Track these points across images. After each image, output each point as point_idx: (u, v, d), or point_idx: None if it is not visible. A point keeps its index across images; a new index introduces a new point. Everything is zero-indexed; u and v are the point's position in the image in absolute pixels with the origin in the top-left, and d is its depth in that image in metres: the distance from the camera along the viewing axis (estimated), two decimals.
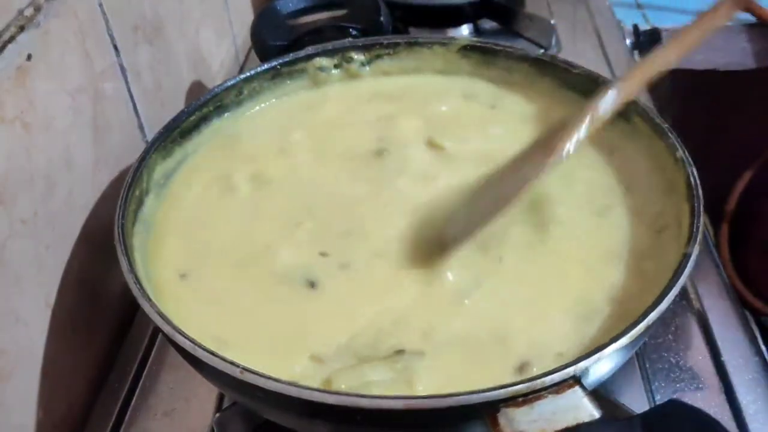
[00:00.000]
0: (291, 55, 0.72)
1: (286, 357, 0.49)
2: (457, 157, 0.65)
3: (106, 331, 0.67)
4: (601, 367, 0.44)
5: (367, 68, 0.74)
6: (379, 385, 0.47)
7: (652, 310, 0.45)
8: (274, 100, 0.72)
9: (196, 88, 0.87)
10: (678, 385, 0.60)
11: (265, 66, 0.71)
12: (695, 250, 0.49)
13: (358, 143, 0.66)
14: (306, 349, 0.50)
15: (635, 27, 1.10)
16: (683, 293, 0.67)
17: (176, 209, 0.61)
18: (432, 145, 0.66)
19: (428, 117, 0.69)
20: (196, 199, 0.62)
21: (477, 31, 1.06)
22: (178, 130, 0.65)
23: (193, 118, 0.66)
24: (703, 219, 0.51)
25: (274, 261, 0.56)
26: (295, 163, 0.65)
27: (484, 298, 0.52)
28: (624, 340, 0.44)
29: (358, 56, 0.74)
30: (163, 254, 0.57)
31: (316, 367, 0.48)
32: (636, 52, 1.09)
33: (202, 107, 0.67)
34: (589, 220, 0.58)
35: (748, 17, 1.18)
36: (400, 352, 0.49)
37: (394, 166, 0.64)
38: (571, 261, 0.55)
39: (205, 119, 0.68)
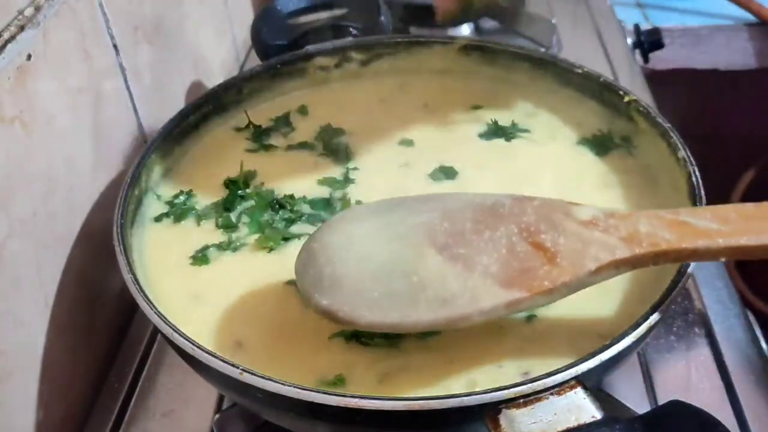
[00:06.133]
0: (291, 54, 0.72)
1: None
2: None
3: (105, 331, 0.67)
4: (603, 368, 0.43)
5: (368, 67, 0.74)
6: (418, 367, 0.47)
7: (654, 311, 0.45)
8: (274, 99, 0.72)
9: (196, 88, 0.87)
10: (680, 386, 0.59)
11: (265, 65, 0.71)
12: None
13: None
14: None
15: (636, 26, 1.10)
16: (685, 293, 0.67)
17: None
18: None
19: None
20: None
21: (477, 31, 1.06)
22: (177, 130, 0.65)
23: (192, 117, 0.66)
24: None
25: None
26: None
27: None
28: (626, 341, 0.44)
29: (358, 56, 0.74)
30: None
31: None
32: (637, 51, 1.09)
33: (202, 107, 0.67)
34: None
35: (750, 17, 1.18)
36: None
37: None
38: None
39: (204, 119, 0.68)
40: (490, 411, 0.40)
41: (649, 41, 1.08)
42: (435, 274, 0.43)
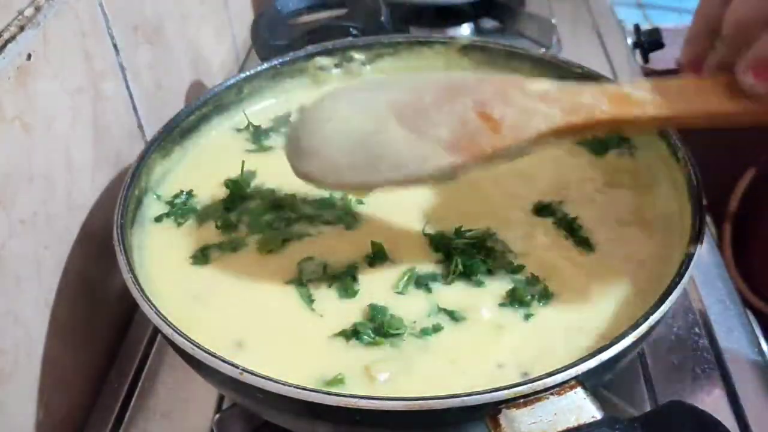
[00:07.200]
0: (291, 54, 0.72)
1: None
2: None
3: (105, 331, 0.67)
4: (603, 368, 0.43)
5: (368, 67, 0.74)
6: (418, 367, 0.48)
7: (655, 311, 0.45)
8: (274, 99, 0.72)
9: (196, 88, 0.87)
10: (680, 386, 0.59)
11: (265, 65, 0.71)
12: (698, 250, 0.49)
13: None
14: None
15: (636, 26, 1.10)
16: (685, 293, 0.67)
17: None
18: None
19: None
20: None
21: (478, 31, 1.06)
22: (177, 130, 0.65)
23: (192, 117, 0.66)
24: (705, 218, 0.51)
25: None
26: None
27: None
28: (626, 341, 0.44)
29: (358, 55, 0.74)
30: None
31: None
32: (637, 51, 1.09)
33: (202, 107, 0.67)
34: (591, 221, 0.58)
35: None
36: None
37: None
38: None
39: (204, 119, 0.68)
40: (490, 411, 0.41)
41: (649, 41, 1.08)
42: (394, 142, 0.49)
